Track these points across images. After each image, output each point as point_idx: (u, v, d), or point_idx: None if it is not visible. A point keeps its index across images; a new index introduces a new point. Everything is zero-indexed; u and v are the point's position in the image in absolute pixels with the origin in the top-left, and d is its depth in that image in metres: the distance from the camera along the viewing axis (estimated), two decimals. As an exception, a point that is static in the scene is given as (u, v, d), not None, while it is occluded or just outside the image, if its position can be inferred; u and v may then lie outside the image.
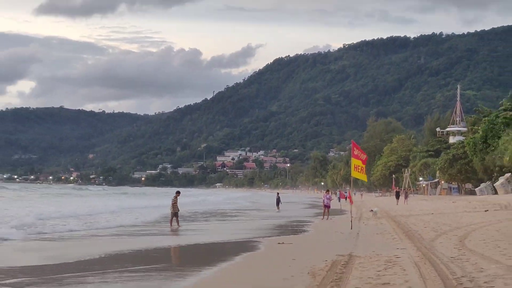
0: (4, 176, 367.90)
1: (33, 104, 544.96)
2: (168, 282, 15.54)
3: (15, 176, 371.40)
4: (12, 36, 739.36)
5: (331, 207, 44.47)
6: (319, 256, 19.25)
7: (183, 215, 41.76)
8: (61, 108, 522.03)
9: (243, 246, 25.41)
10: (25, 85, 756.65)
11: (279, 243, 25.84)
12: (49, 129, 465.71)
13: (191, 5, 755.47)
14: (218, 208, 70.18)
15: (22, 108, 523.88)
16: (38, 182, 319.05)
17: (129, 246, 25.09)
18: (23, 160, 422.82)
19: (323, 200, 45.11)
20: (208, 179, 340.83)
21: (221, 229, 37.94)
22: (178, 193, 37.81)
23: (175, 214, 35.55)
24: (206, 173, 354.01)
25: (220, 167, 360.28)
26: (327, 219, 41.91)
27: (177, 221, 35.75)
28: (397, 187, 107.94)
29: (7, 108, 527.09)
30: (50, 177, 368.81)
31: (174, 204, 35.80)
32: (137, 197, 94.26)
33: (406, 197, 78.80)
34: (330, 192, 48.64)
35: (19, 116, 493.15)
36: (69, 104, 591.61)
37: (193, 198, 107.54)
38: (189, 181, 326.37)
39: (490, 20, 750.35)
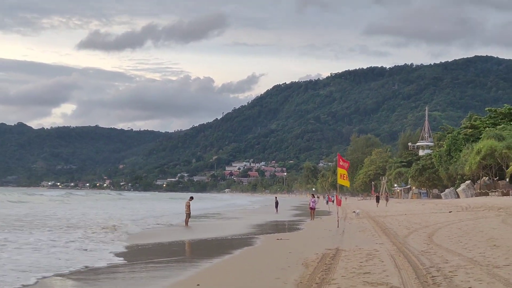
0: (49, 183, 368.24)
1: (74, 123, 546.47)
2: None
3: (58, 183, 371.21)
4: (57, 67, 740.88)
5: (320, 209, 44.33)
6: (311, 250, 19.22)
7: (246, 209, 42.03)
8: (97, 126, 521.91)
9: (251, 240, 25.67)
10: (67, 108, 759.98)
11: (277, 239, 25.83)
12: (86, 144, 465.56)
13: (205, 41, 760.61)
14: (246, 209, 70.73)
15: (64, 126, 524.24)
16: (77, 188, 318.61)
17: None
18: (65, 170, 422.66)
19: (309, 204, 44.65)
20: (218, 185, 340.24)
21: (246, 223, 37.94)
22: (191, 198, 37.38)
23: (188, 215, 35.34)
24: (217, 181, 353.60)
25: (228, 176, 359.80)
26: (313, 219, 41.44)
27: (186, 220, 35.36)
28: (377, 192, 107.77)
29: (52, 126, 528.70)
30: (87, 184, 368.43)
31: (188, 206, 35.61)
32: (177, 202, 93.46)
33: (387, 200, 78.68)
34: (314, 196, 48.50)
35: (62, 133, 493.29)
36: (103, 123, 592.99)
37: (225, 202, 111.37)
38: (203, 187, 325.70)
39: (453, 53, 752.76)
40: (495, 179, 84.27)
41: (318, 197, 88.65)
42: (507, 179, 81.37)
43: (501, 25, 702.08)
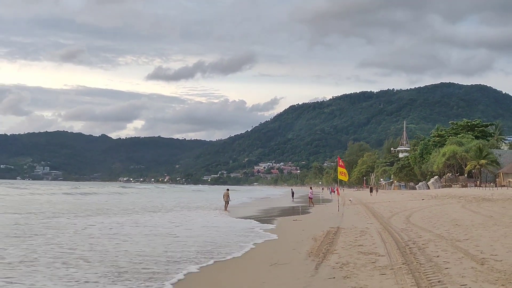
0: (124, 179, 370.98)
1: (142, 134, 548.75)
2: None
3: (131, 179, 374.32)
4: (130, 93, 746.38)
5: (325, 197, 44.03)
6: (318, 228, 19.24)
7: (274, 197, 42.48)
8: (159, 137, 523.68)
9: (276, 220, 25.49)
10: (138, 123, 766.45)
11: (293, 220, 25.84)
12: (151, 150, 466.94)
13: (239, 73, 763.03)
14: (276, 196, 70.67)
15: (135, 137, 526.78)
16: (145, 182, 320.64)
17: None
18: (135, 169, 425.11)
19: (309, 194, 44.17)
20: (248, 180, 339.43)
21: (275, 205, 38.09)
22: (228, 189, 37.61)
23: (227, 202, 35.39)
24: (248, 176, 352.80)
25: (256, 172, 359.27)
26: (313, 206, 40.34)
27: (226, 206, 35.05)
28: (369, 185, 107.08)
29: (126, 137, 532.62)
30: (152, 179, 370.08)
31: (227, 196, 35.68)
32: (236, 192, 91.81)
33: (376, 191, 78.46)
34: (312, 189, 48.29)
35: (133, 142, 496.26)
36: (164, 135, 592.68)
37: (260, 192, 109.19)
38: (237, 181, 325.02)
39: (425, 81, 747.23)
40: (457, 175, 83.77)
41: (322, 189, 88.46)
42: (465, 175, 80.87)
43: (461, 60, 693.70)
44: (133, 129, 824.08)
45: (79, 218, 25.39)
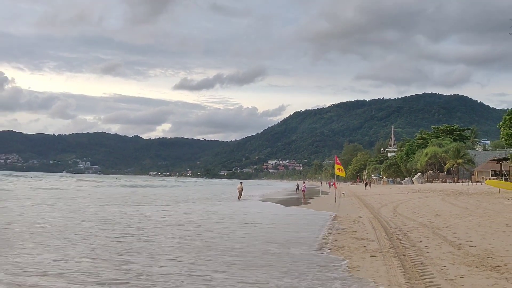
0: (153, 173, 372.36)
1: (169, 135, 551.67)
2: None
3: (159, 173, 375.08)
4: (159, 101, 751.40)
5: (324, 190, 43.66)
6: (318, 216, 19.14)
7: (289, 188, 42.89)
8: (183, 138, 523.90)
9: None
10: (166, 126, 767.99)
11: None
12: (176, 149, 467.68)
13: (252, 84, 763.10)
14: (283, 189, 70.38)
15: (163, 138, 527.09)
16: (170, 176, 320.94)
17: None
18: (163, 165, 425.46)
19: (302, 188, 42.95)
20: (258, 175, 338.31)
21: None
22: (241, 182, 37.63)
23: (240, 193, 35.31)
24: (258, 172, 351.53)
25: (265, 169, 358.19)
26: (304, 197, 38.91)
27: (239, 196, 34.93)
28: (364, 180, 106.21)
29: (155, 137, 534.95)
30: (177, 174, 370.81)
31: (240, 188, 35.70)
32: (261, 186, 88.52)
33: (370, 185, 78.03)
34: (304, 183, 47.44)
35: (161, 142, 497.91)
36: (187, 136, 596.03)
37: (270, 186, 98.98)
38: (249, 176, 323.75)
39: (411, 91, 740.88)
40: (437, 172, 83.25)
41: (321, 183, 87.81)
42: (445, 172, 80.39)
43: (442, 74, 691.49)
44: (161, 131, 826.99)
45: (159, 207, 25.30)
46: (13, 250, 10.00)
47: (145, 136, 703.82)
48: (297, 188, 58.25)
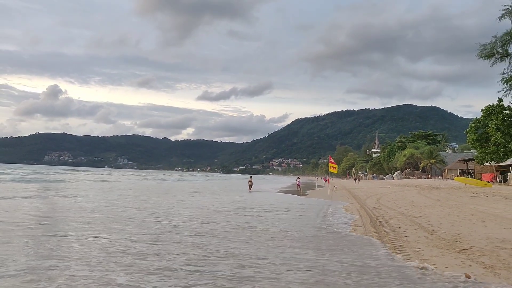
0: (179, 169, 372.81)
1: (192, 138, 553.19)
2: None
3: (184, 169, 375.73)
4: (185, 109, 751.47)
5: (320, 184, 42.97)
6: (315, 207, 19.06)
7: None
8: (204, 140, 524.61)
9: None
10: (189, 130, 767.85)
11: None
12: (198, 149, 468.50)
13: (262, 96, 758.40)
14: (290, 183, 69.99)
15: (187, 140, 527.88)
16: (193, 171, 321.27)
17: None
18: (187, 162, 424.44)
19: (297, 182, 40.01)
20: (265, 171, 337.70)
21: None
22: (251, 176, 37.40)
23: (250, 186, 35.16)
24: (265, 168, 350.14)
25: (271, 166, 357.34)
26: (300, 190, 36.72)
27: (250, 189, 34.52)
28: (354, 176, 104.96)
29: (181, 139, 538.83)
30: (198, 169, 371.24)
31: (250, 181, 35.58)
32: (268, 180, 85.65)
33: (359, 180, 77.12)
34: (299, 178, 44.18)
35: (186, 143, 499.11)
36: (207, 138, 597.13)
37: (276, 181, 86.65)
38: (257, 172, 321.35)
39: (392, 103, 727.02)
40: (414, 170, 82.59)
41: (317, 178, 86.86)
42: (420, 170, 79.74)
43: (418, 89, 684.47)
44: (186, 134, 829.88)
45: (211, 195, 25.12)
46: (142, 227, 10.05)
47: (172, 138, 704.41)
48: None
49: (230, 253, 7.52)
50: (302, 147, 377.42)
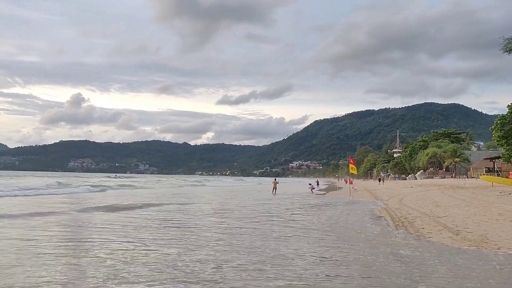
0: (199, 173, 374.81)
1: (212, 142, 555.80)
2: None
3: (204, 173, 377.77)
4: (204, 114, 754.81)
5: (340, 186, 42.15)
6: (336, 205, 18.81)
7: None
8: (223, 143, 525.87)
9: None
10: (209, 134, 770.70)
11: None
12: (218, 153, 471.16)
13: (281, 98, 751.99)
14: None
15: (207, 144, 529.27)
16: (213, 175, 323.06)
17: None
18: (206, 166, 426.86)
19: (312, 186, 38.37)
20: (285, 173, 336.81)
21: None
22: (275, 179, 37.21)
23: (275, 187, 34.89)
24: (284, 171, 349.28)
25: (290, 168, 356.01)
26: (313, 192, 35.40)
27: (274, 191, 34.00)
28: (378, 177, 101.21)
29: (201, 144, 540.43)
30: (218, 173, 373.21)
31: (275, 183, 35.52)
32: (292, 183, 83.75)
33: (383, 181, 74.95)
34: (311, 184, 40.46)
35: (206, 147, 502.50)
36: (226, 142, 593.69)
37: (303, 183, 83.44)
38: (277, 175, 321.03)
39: (414, 101, 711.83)
40: (437, 169, 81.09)
41: (338, 180, 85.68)
42: (444, 169, 78.24)
43: (441, 86, 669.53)
44: (205, 138, 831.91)
45: (253, 200, 24.46)
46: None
47: (192, 142, 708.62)
48: (317, 184, 57.45)
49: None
50: (321, 149, 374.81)
